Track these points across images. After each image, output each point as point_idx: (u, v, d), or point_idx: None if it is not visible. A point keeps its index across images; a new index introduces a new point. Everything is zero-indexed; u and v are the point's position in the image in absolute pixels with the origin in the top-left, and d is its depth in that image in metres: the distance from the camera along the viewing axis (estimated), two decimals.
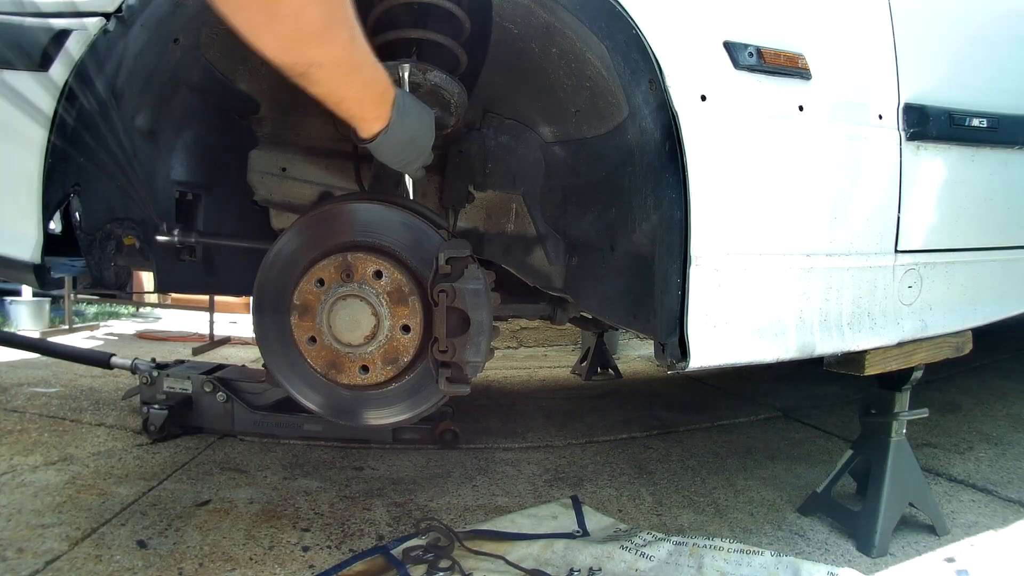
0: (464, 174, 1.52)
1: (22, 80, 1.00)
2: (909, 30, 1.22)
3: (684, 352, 1.01)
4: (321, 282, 1.05)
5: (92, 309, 5.53)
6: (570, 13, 1.03)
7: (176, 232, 1.24)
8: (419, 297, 1.04)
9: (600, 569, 1.30)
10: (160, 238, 1.23)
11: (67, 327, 4.51)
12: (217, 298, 4.16)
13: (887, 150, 1.18)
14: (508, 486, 1.78)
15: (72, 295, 4.51)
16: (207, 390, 2.09)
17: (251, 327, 1.19)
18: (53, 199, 1.02)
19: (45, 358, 2.88)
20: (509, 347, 4.27)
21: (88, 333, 4.57)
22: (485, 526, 1.50)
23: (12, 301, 4.70)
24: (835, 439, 2.20)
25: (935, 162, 1.25)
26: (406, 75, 1.06)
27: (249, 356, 3.66)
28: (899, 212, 1.20)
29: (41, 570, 1.25)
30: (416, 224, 1.07)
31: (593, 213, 1.30)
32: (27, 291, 4.66)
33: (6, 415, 2.26)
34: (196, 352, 3.76)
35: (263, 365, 1.18)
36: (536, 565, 1.31)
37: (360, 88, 0.86)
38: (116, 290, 1.25)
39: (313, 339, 1.06)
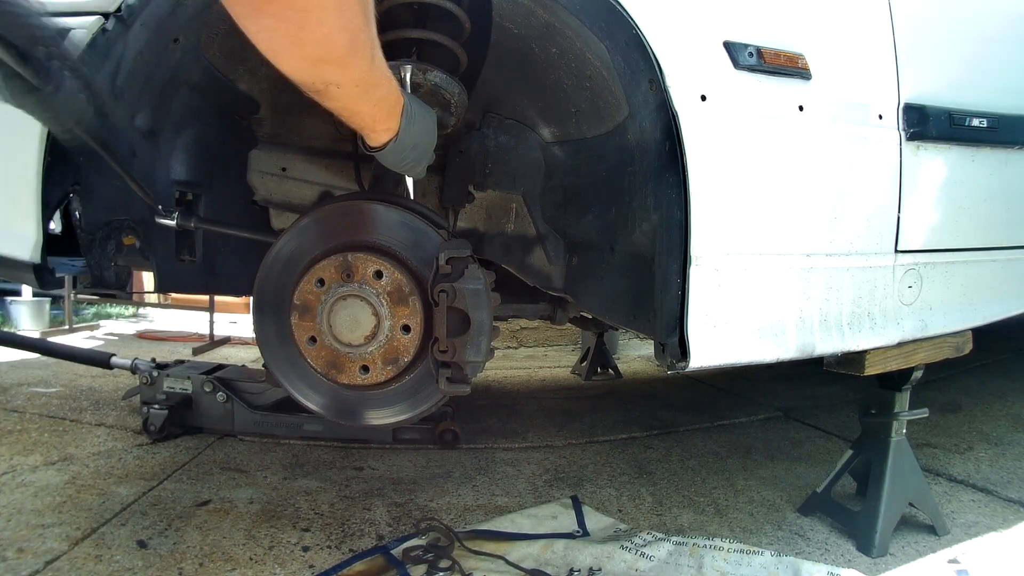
0: (464, 174, 1.52)
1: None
2: (909, 30, 1.22)
3: (684, 352, 1.01)
4: (321, 282, 1.05)
5: (92, 309, 5.53)
6: (570, 13, 1.03)
7: (175, 215, 1.21)
8: (419, 297, 1.04)
9: (600, 569, 1.30)
10: (160, 220, 1.19)
11: (67, 327, 4.51)
12: (217, 298, 4.16)
13: (887, 150, 1.18)
14: (508, 486, 1.78)
15: (72, 295, 4.51)
16: (207, 390, 2.09)
17: (251, 327, 1.18)
18: (53, 198, 1.02)
19: (45, 358, 2.87)
20: (509, 347, 4.27)
21: (88, 333, 4.57)
22: (485, 526, 1.50)
23: (12, 301, 4.70)
24: (835, 439, 2.20)
25: (935, 162, 1.25)
26: (408, 76, 1.06)
27: (249, 356, 3.66)
28: (899, 212, 1.20)
29: (41, 570, 1.24)
30: (416, 224, 1.07)
31: (593, 213, 1.30)
32: (27, 291, 4.66)
33: (6, 415, 2.26)
34: (196, 352, 3.76)
35: (263, 365, 1.18)
36: (536, 565, 1.31)
37: (374, 104, 0.86)
38: (116, 290, 1.25)
39: (313, 339, 1.06)
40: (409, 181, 1.15)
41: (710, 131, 1.00)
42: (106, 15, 1.00)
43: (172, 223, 1.20)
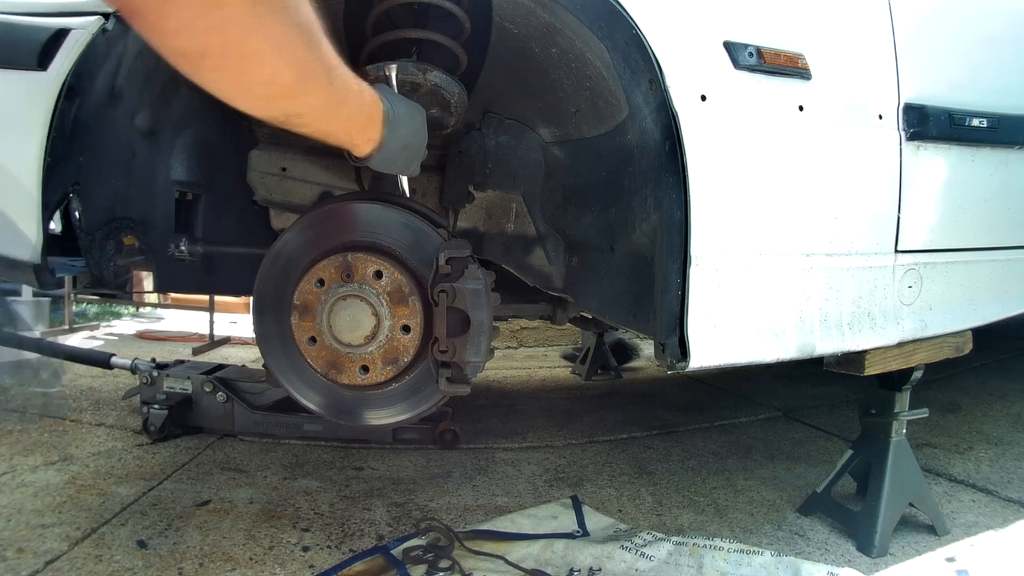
0: (464, 174, 1.52)
1: (21, 79, 1.00)
2: (909, 30, 1.22)
3: (684, 352, 1.01)
4: (321, 282, 1.05)
5: (92, 309, 5.53)
6: (570, 13, 1.03)
7: (183, 243, 1.25)
8: (419, 297, 1.04)
9: (600, 569, 1.30)
10: (170, 251, 1.25)
11: (67, 327, 4.51)
12: (217, 298, 4.16)
13: (887, 150, 1.18)
14: (508, 486, 1.78)
15: (72, 295, 4.50)
16: (207, 390, 2.09)
17: (251, 327, 1.19)
18: (53, 198, 1.02)
19: (45, 358, 2.87)
20: (509, 347, 4.26)
21: (88, 333, 4.57)
22: (485, 526, 1.50)
23: (12, 301, 4.69)
24: (835, 439, 2.20)
25: (935, 162, 1.25)
26: (393, 75, 1.06)
27: (249, 356, 3.66)
28: (899, 212, 1.20)
29: (41, 570, 1.24)
30: (416, 224, 1.07)
31: (593, 213, 1.30)
32: (27, 291, 4.65)
33: (6, 415, 2.26)
34: (196, 352, 3.75)
35: (263, 365, 1.18)
36: (536, 565, 1.31)
37: (346, 119, 0.85)
38: (116, 290, 1.25)
39: (313, 339, 1.06)
40: (403, 180, 1.15)
41: (710, 131, 1.00)
42: (106, 15, 1.00)
43: (182, 252, 1.29)
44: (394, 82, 1.05)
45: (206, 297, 4.09)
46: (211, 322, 4.15)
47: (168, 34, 0.56)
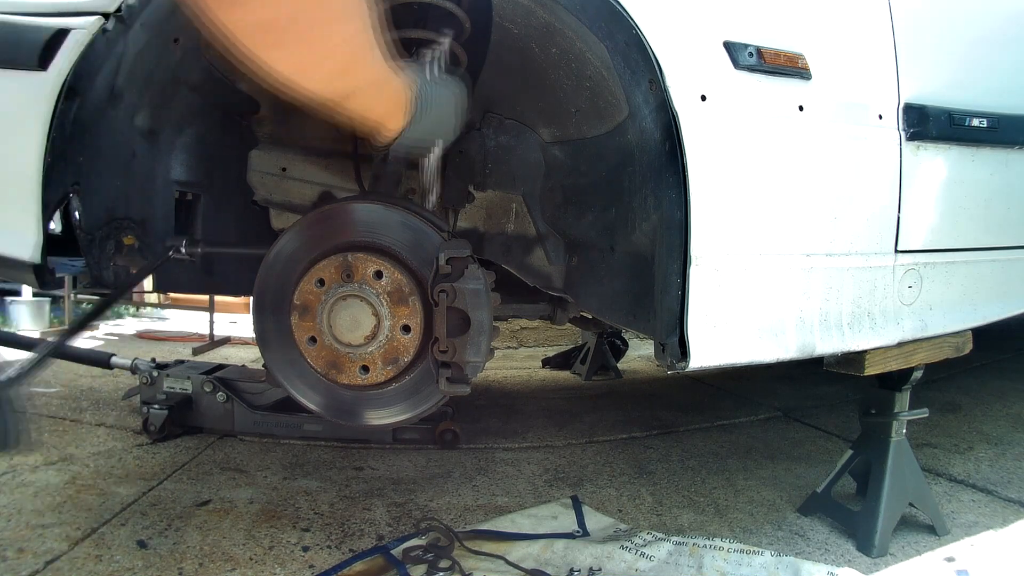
0: (464, 174, 1.52)
1: (21, 79, 1.00)
2: (909, 30, 1.22)
3: (684, 352, 1.01)
4: (321, 282, 1.05)
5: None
6: (570, 13, 1.03)
7: (184, 245, 1.25)
8: (419, 297, 1.04)
9: (600, 569, 1.30)
10: (173, 255, 1.26)
11: (67, 327, 4.50)
12: (217, 298, 4.16)
13: (887, 150, 1.18)
14: (508, 486, 1.78)
15: (72, 295, 4.50)
16: (207, 390, 2.09)
17: (251, 327, 1.19)
18: (53, 198, 1.02)
19: None
20: (509, 347, 4.26)
21: (88, 333, 4.57)
22: (485, 526, 1.50)
23: (12, 301, 4.69)
24: (835, 439, 2.20)
25: (935, 162, 1.25)
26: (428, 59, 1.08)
27: (249, 356, 3.66)
28: (899, 212, 1.20)
29: (41, 570, 1.25)
30: (416, 224, 1.07)
31: (593, 213, 1.30)
32: (27, 291, 4.65)
33: None
34: (196, 352, 3.75)
35: (263, 365, 1.18)
36: (536, 565, 1.31)
37: (388, 99, 0.90)
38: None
39: (313, 339, 1.06)
40: (429, 164, 1.15)
41: (710, 131, 1.00)
42: (106, 15, 1.00)
43: (182, 255, 1.29)
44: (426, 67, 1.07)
45: (206, 297, 4.09)
46: (211, 322, 4.14)
47: (254, 7, 0.58)
